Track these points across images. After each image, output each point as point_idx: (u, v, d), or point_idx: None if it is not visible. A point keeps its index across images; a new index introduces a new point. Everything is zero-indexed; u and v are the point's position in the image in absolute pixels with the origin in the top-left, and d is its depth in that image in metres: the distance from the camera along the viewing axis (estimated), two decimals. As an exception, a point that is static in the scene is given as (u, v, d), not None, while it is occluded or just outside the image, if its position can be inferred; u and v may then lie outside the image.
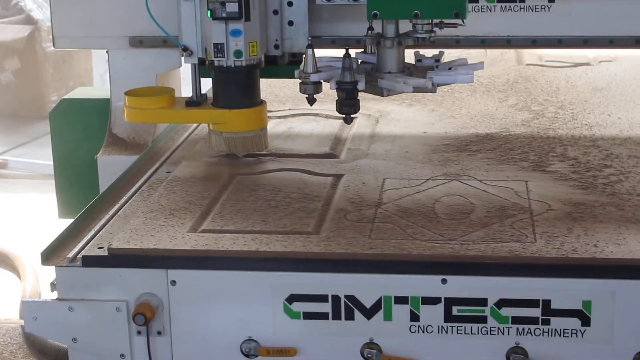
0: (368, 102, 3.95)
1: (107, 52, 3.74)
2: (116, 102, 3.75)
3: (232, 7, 3.06)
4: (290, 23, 3.31)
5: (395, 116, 3.89)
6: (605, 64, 4.60)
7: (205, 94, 3.33)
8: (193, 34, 3.15)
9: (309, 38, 3.17)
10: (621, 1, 3.41)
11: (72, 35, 3.70)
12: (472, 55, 4.59)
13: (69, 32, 3.69)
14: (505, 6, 3.44)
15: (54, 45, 3.76)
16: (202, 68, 3.26)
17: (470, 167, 3.23)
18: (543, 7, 3.43)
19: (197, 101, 3.27)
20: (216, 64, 3.15)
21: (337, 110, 3.08)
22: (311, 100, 3.16)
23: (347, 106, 3.06)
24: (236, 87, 3.20)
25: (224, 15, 3.07)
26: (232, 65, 3.15)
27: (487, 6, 3.45)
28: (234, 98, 3.22)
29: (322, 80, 3.12)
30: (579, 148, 3.41)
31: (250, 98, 3.24)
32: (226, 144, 3.27)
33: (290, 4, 3.30)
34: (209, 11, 3.07)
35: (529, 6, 3.43)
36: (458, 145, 3.47)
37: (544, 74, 4.48)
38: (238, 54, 3.13)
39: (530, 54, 4.75)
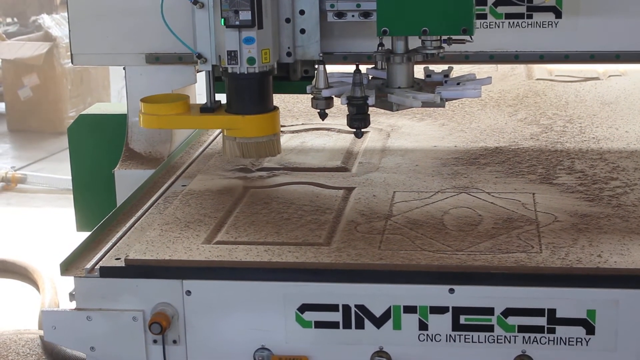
0: (380, 117, 4.02)
1: (124, 68, 3.82)
2: (133, 118, 3.82)
3: (245, 15, 3.11)
4: (302, 31, 3.37)
5: (407, 130, 3.96)
6: (615, 79, 4.64)
7: (219, 101, 3.36)
8: (207, 42, 3.20)
9: (321, 54, 3.24)
10: (627, 17, 3.46)
11: (90, 53, 3.77)
12: (484, 70, 4.66)
13: (87, 50, 3.76)
14: (513, 22, 3.50)
15: (72, 63, 3.83)
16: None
17: (479, 180, 3.28)
18: (550, 23, 3.49)
19: (211, 107, 3.31)
20: (230, 70, 3.20)
21: (347, 124, 3.15)
22: (323, 115, 3.23)
23: (358, 121, 3.12)
24: (249, 94, 3.24)
25: (237, 23, 3.11)
26: (245, 72, 3.19)
27: (496, 22, 3.51)
28: (247, 104, 3.25)
29: (333, 96, 3.19)
30: (586, 161, 3.46)
31: (263, 104, 3.28)
32: (240, 149, 3.30)
33: (302, 12, 3.35)
34: (222, 19, 3.13)
35: (537, 22, 3.49)
36: (467, 159, 3.53)
37: (553, 88, 4.54)
38: (251, 60, 3.17)
39: (541, 69, 4.79)
